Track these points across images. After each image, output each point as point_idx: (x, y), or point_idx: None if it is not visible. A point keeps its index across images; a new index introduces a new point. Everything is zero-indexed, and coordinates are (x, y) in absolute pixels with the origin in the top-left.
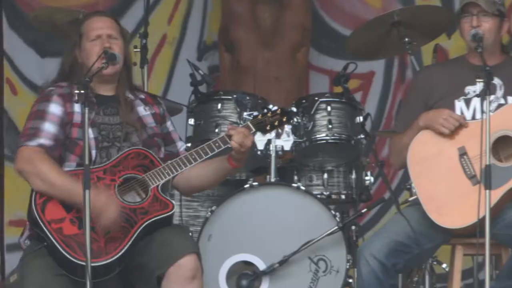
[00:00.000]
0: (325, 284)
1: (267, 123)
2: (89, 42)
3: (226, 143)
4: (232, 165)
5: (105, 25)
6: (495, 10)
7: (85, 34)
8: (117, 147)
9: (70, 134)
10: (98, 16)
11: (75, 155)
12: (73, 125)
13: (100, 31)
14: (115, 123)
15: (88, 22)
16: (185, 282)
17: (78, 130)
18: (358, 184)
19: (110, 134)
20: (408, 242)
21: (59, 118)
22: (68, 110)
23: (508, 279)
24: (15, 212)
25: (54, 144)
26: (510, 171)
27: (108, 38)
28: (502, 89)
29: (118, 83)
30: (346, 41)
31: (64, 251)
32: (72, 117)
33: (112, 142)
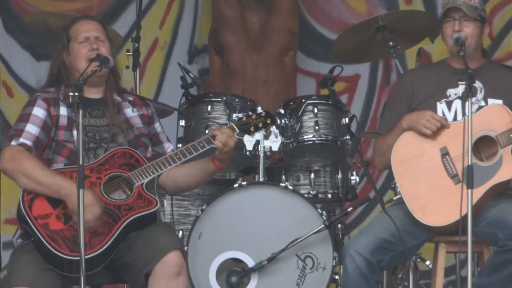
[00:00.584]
0: (312, 281)
1: (251, 125)
2: (77, 44)
3: (210, 143)
4: (216, 165)
5: (92, 27)
6: (477, 15)
7: (73, 37)
8: (104, 148)
9: (57, 136)
10: (85, 20)
11: (63, 157)
12: (59, 128)
13: (87, 34)
14: (102, 125)
15: (76, 25)
16: (170, 278)
17: (65, 133)
18: (344, 183)
19: (96, 135)
20: (392, 239)
21: (42, 121)
22: (52, 114)
23: (489, 276)
24: (10, 210)
25: (34, 146)
26: (491, 170)
27: (96, 40)
28: (482, 92)
29: (105, 86)
30: (332, 45)
31: (49, 245)
32: (57, 120)
33: (99, 143)
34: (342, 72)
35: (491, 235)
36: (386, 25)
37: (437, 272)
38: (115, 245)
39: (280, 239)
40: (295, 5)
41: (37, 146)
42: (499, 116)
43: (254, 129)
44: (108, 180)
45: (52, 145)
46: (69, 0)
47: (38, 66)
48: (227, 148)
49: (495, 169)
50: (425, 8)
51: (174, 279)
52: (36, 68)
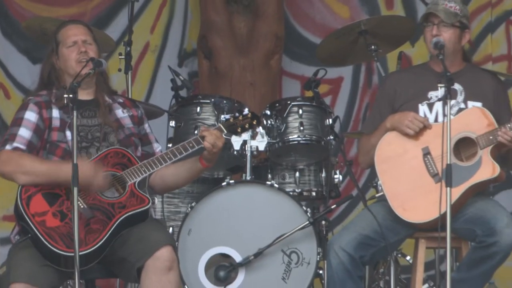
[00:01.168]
0: (297, 275)
1: (238, 126)
2: (66, 48)
3: (199, 143)
4: (203, 164)
5: (79, 31)
6: (456, 21)
7: (62, 41)
8: (96, 147)
9: (50, 138)
10: (73, 24)
11: (57, 157)
12: (53, 129)
13: (75, 38)
14: (94, 124)
15: (64, 30)
16: (162, 273)
17: (58, 134)
18: (328, 182)
19: (88, 135)
20: (374, 236)
21: (34, 124)
22: (44, 116)
23: (467, 271)
24: (8, 208)
25: (28, 149)
26: (471, 170)
27: (83, 43)
28: (462, 95)
29: (96, 87)
30: (316, 48)
31: (46, 242)
32: (50, 122)
33: (91, 142)
34: (326, 75)
35: (469, 232)
36: (368, 30)
37: (417, 267)
38: (109, 242)
39: (266, 235)
40: (281, 10)
41: (30, 149)
42: (479, 119)
43: (240, 130)
44: None
45: (46, 146)
46: (64, 6)
47: (34, 69)
48: (216, 149)
49: (474, 170)
50: (406, 13)
51: (166, 274)
52: (32, 70)
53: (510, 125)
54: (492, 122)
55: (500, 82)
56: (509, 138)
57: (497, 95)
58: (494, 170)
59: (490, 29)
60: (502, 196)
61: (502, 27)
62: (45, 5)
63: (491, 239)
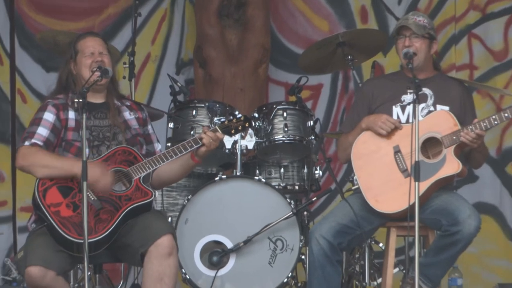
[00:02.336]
0: (282, 260)
1: (232, 128)
2: (84, 57)
3: (197, 143)
4: (195, 160)
5: (97, 43)
6: (425, 33)
7: (81, 51)
8: (107, 145)
9: (66, 136)
10: (91, 36)
11: (71, 154)
12: (68, 129)
13: (93, 49)
14: (104, 125)
15: (83, 41)
16: (162, 258)
17: (73, 133)
18: (309, 177)
19: (100, 134)
20: (351, 225)
21: (51, 124)
22: (61, 117)
23: (434, 256)
24: (25, 200)
25: (45, 145)
26: (436, 166)
27: (100, 54)
28: (432, 99)
29: (106, 92)
30: (299, 58)
31: (60, 230)
32: (66, 122)
33: (102, 141)
34: (307, 82)
35: (435, 221)
36: (345, 42)
37: (389, 252)
38: (116, 230)
39: (255, 224)
40: (267, 24)
41: (47, 145)
42: (445, 121)
43: (234, 131)
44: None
45: (62, 144)
46: (74, 20)
47: (48, 76)
48: (211, 149)
49: (439, 166)
50: (379, 27)
51: (166, 259)
52: (46, 78)
53: (472, 127)
54: (456, 124)
55: (466, 89)
56: (470, 139)
57: (463, 100)
58: (457, 167)
59: (454, 41)
60: (464, 189)
61: (464, 40)
62: (57, 20)
63: (454, 229)
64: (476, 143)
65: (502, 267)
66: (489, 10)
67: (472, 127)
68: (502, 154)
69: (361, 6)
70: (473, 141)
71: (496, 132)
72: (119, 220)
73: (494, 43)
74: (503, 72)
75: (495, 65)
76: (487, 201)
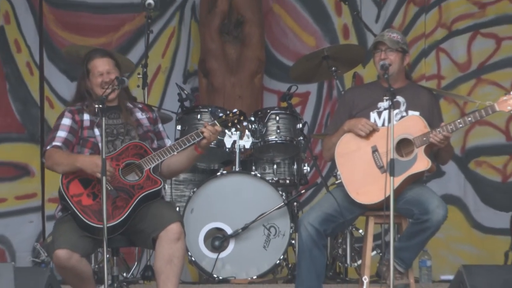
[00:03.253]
0: (275, 244)
1: (229, 121)
2: (94, 78)
3: (199, 136)
4: (198, 151)
5: (104, 63)
6: (398, 47)
7: (91, 71)
8: (121, 140)
9: (82, 135)
10: (99, 57)
11: (88, 148)
12: (84, 128)
13: (101, 69)
14: (118, 123)
15: (92, 62)
16: (172, 243)
17: (88, 131)
18: (298, 172)
19: (114, 131)
20: (335, 214)
21: (68, 126)
22: (77, 119)
23: (406, 241)
24: (52, 192)
25: (64, 145)
26: (409, 164)
27: (107, 74)
28: (404, 105)
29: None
30: (289, 69)
31: (82, 217)
32: (82, 123)
33: (116, 136)
34: (297, 90)
35: (408, 211)
36: (329, 55)
37: (367, 238)
38: (131, 215)
39: (251, 213)
40: (262, 40)
41: (66, 144)
42: (416, 124)
43: (231, 124)
44: (125, 166)
45: (80, 142)
46: (95, 37)
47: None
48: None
49: (411, 163)
50: (359, 42)
51: (175, 243)
52: (70, 86)
53: (440, 130)
54: (425, 127)
55: (434, 96)
56: (439, 140)
57: (431, 106)
58: (427, 164)
59: (424, 54)
60: (433, 183)
61: (433, 53)
62: (80, 36)
63: (425, 217)
64: (444, 144)
65: (466, 251)
66: (454, 27)
67: (440, 129)
68: (466, 152)
69: (343, 24)
70: (441, 142)
71: (461, 134)
72: (133, 206)
73: (459, 56)
74: (466, 81)
75: (460, 75)
76: (453, 193)
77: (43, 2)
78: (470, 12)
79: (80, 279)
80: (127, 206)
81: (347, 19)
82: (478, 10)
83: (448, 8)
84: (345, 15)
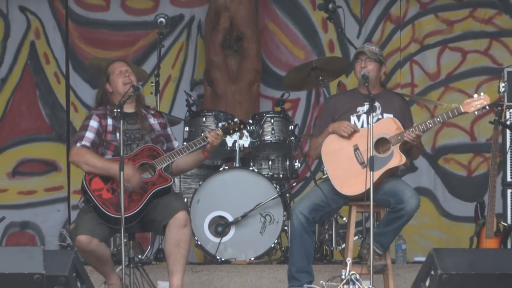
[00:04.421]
0: (270, 230)
1: (231, 129)
2: (115, 76)
3: (204, 141)
4: (204, 155)
5: (122, 65)
6: (376, 58)
7: (112, 72)
8: (137, 144)
9: (106, 138)
10: (117, 61)
11: (110, 151)
12: (107, 132)
13: (121, 68)
14: (135, 129)
15: (113, 65)
16: (179, 228)
17: (111, 135)
18: (290, 167)
19: (132, 135)
20: (322, 204)
21: (95, 129)
22: (103, 124)
23: (384, 227)
24: (76, 185)
25: (91, 146)
26: (386, 159)
27: (126, 72)
28: (380, 109)
29: (135, 103)
30: (282, 79)
31: (102, 208)
32: (106, 127)
33: (133, 141)
34: (289, 97)
35: (385, 201)
36: (317, 66)
37: (350, 224)
38: (145, 208)
39: (249, 203)
40: (259, 54)
41: (93, 145)
42: (391, 125)
43: (232, 132)
44: (139, 166)
45: (103, 144)
46: (114, 50)
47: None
48: (214, 145)
49: (388, 159)
50: (342, 55)
51: (182, 229)
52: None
53: (413, 129)
54: (400, 127)
55: (405, 101)
56: (412, 138)
57: (403, 110)
58: (401, 159)
59: (399, 66)
60: (407, 177)
61: (407, 65)
62: (101, 50)
63: (400, 206)
64: (416, 141)
65: (435, 236)
66: (425, 42)
67: (413, 129)
68: (436, 150)
69: (329, 40)
70: (413, 140)
71: (431, 134)
72: (146, 200)
73: (430, 67)
74: (436, 89)
75: (430, 84)
76: (424, 186)
77: (69, 20)
78: (440, 29)
79: (100, 260)
80: (141, 199)
81: (332, 35)
82: (447, 27)
83: (420, 26)
84: (331, 32)
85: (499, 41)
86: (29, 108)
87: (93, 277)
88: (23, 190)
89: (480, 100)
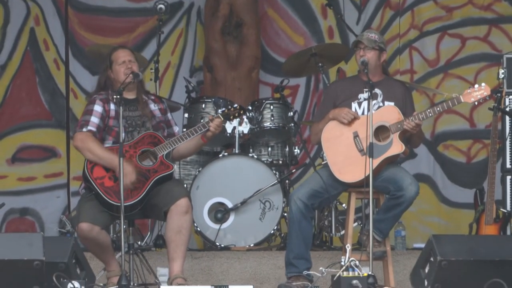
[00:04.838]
0: (269, 217)
1: (231, 115)
2: (118, 65)
3: (205, 127)
4: (204, 141)
5: (126, 54)
6: (375, 45)
7: (115, 60)
8: (138, 130)
9: (108, 123)
10: (121, 49)
11: (111, 136)
12: (110, 117)
13: (124, 58)
14: (136, 115)
15: (116, 52)
16: (180, 215)
17: (113, 121)
18: (290, 154)
19: (133, 122)
20: (321, 190)
21: (100, 114)
22: (106, 109)
23: (384, 214)
24: (76, 171)
25: (97, 131)
26: (385, 147)
27: (129, 62)
28: (381, 97)
29: (137, 90)
30: (282, 65)
31: (105, 196)
32: (109, 113)
33: (134, 127)
34: (288, 83)
35: (385, 188)
36: (317, 53)
37: (350, 211)
38: (147, 195)
39: (249, 189)
40: (258, 40)
41: (98, 130)
42: (392, 113)
43: (232, 118)
44: (141, 153)
45: (105, 129)
46: (114, 37)
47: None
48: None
49: (388, 147)
50: (342, 41)
51: (183, 216)
52: (92, 80)
53: (412, 118)
54: (400, 115)
55: (407, 88)
56: (411, 127)
57: (405, 97)
58: (401, 147)
59: (399, 52)
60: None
61: (406, 51)
62: (101, 36)
63: (399, 193)
64: (416, 130)
65: (435, 223)
66: (425, 29)
67: (413, 118)
68: (435, 137)
69: (329, 26)
70: (413, 129)
71: (430, 121)
72: (148, 188)
73: (429, 54)
74: (435, 75)
75: (429, 70)
76: (424, 172)
77: (69, 7)
78: (439, 15)
79: (100, 247)
80: (143, 187)
81: (332, 21)
82: (446, 13)
83: (419, 12)
84: (330, 18)
85: (498, 28)
86: (29, 95)
87: (92, 264)
88: (22, 177)
89: (481, 90)
